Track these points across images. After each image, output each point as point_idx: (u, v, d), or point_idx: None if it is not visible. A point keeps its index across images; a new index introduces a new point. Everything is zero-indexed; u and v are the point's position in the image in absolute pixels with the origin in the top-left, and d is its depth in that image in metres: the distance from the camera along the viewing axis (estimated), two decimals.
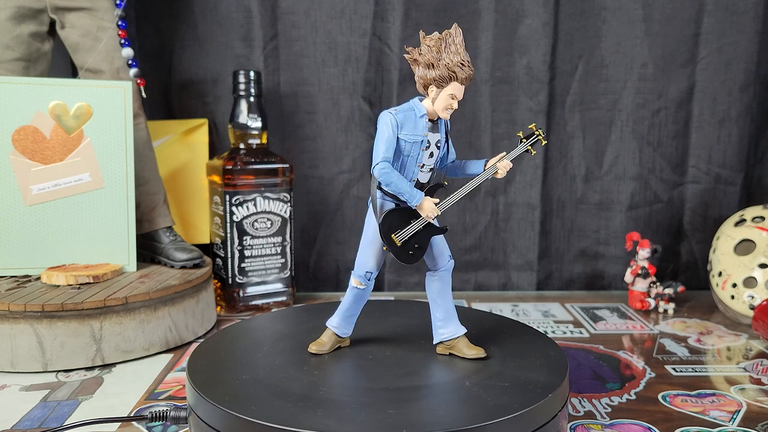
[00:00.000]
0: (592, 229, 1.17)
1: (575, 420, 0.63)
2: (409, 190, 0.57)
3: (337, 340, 0.63)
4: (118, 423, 0.62)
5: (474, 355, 0.59)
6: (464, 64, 0.55)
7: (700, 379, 0.74)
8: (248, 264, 0.99)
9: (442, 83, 0.55)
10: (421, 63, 0.56)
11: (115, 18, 0.91)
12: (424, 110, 0.57)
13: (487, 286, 1.18)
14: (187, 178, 1.11)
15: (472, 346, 0.60)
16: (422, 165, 0.58)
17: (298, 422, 0.46)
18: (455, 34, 0.55)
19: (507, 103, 1.12)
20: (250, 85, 0.98)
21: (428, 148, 0.58)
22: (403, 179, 0.57)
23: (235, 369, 0.57)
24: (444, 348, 0.62)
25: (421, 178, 0.59)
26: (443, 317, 0.62)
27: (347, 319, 0.63)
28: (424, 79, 0.56)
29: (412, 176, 0.58)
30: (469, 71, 0.55)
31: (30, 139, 0.86)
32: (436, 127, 0.58)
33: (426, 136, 0.57)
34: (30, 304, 0.74)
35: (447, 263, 0.62)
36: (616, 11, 1.09)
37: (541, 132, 0.61)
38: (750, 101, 1.12)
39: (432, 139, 0.58)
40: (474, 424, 0.46)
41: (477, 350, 0.60)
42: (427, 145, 0.58)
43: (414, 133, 0.57)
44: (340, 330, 0.63)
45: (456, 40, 0.55)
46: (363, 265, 0.60)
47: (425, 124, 0.57)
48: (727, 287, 0.98)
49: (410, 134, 0.57)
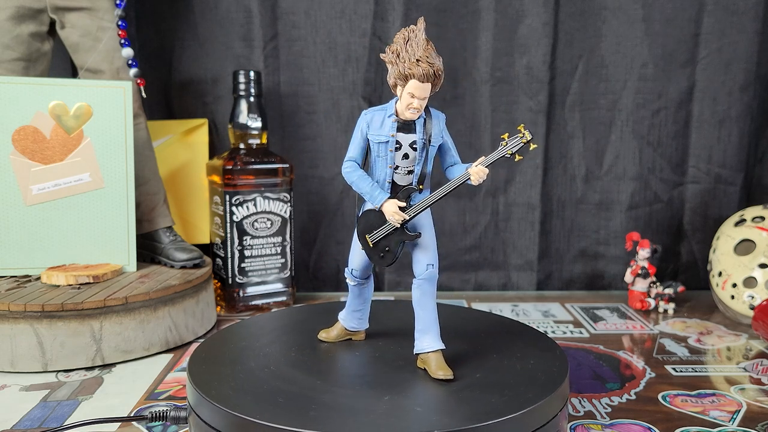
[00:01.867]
0: (592, 229, 1.17)
1: (575, 420, 0.63)
2: (371, 191, 0.56)
3: (345, 332, 0.65)
4: (118, 423, 0.62)
5: (441, 376, 0.55)
6: (421, 60, 0.52)
7: (700, 379, 0.74)
8: (248, 264, 0.99)
9: (402, 81, 0.53)
10: (386, 61, 0.54)
11: (115, 18, 0.91)
12: (392, 110, 0.55)
13: (487, 286, 1.18)
14: (187, 178, 1.11)
15: (443, 366, 0.55)
16: (396, 167, 0.56)
17: (298, 422, 0.46)
18: (418, 29, 0.53)
19: (507, 103, 1.12)
20: (250, 85, 0.98)
21: (399, 149, 0.55)
22: (366, 180, 0.56)
23: (235, 369, 0.57)
24: (420, 361, 0.58)
25: (399, 180, 0.56)
26: (420, 329, 0.58)
27: (352, 314, 0.64)
28: (390, 77, 0.54)
29: (386, 178, 0.56)
30: (427, 68, 0.52)
31: (30, 139, 0.86)
32: (409, 127, 0.55)
33: (393, 136, 0.55)
34: (30, 304, 0.74)
35: (425, 272, 0.57)
36: (616, 11, 1.09)
37: (527, 133, 0.54)
38: (750, 101, 1.12)
39: (404, 140, 0.55)
40: (474, 424, 0.46)
41: (445, 371, 0.55)
42: (396, 146, 0.55)
43: (379, 133, 0.55)
44: (346, 323, 0.65)
45: (417, 36, 0.52)
46: (349, 262, 0.62)
47: (392, 125, 0.55)
48: (727, 287, 0.98)
49: (376, 134, 0.56)
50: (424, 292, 0.57)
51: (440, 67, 0.53)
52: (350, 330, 0.65)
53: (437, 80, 0.53)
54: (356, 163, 0.57)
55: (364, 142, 0.57)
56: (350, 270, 0.62)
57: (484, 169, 0.54)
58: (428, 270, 0.57)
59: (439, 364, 0.56)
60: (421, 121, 0.55)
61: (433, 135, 0.56)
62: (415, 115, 0.54)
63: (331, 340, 0.65)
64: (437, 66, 0.52)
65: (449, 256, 1.16)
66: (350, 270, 0.62)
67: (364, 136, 0.56)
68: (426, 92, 0.53)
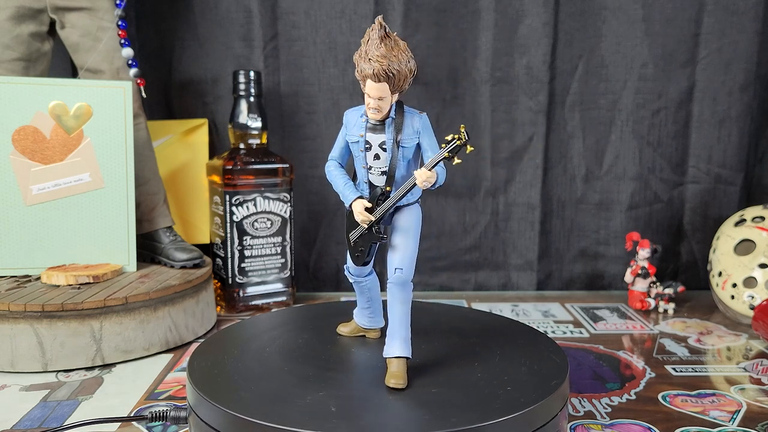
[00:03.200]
0: (592, 229, 1.17)
1: (575, 420, 0.63)
2: (343, 190, 0.57)
3: (359, 328, 0.66)
4: (118, 423, 0.62)
5: (391, 384, 0.53)
6: (373, 59, 0.51)
7: (700, 379, 0.74)
8: (248, 264, 0.99)
9: (362, 81, 0.52)
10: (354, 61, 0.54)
11: (115, 18, 0.91)
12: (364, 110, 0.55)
13: (487, 286, 1.18)
14: (187, 178, 1.11)
15: (397, 375, 0.53)
16: (369, 167, 0.55)
17: (298, 422, 0.46)
18: (374, 28, 0.52)
19: (507, 103, 1.12)
20: (250, 85, 0.98)
21: (370, 150, 0.55)
22: (340, 179, 0.57)
23: (235, 369, 0.57)
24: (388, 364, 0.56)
25: (374, 180, 0.56)
26: (389, 333, 0.57)
27: (361, 311, 0.66)
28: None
29: (362, 178, 0.56)
30: (378, 67, 0.50)
31: (30, 139, 0.86)
32: (380, 128, 0.54)
33: (362, 137, 0.55)
34: (30, 304, 0.74)
35: (393, 275, 0.55)
36: (616, 11, 1.09)
37: (464, 136, 0.51)
38: (750, 101, 1.12)
39: (374, 141, 0.54)
40: (474, 424, 0.46)
41: (397, 380, 0.53)
42: (366, 146, 0.55)
43: (353, 133, 0.55)
44: (357, 319, 0.66)
45: (372, 35, 0.51)
46: (346, 260, 0.63)
47: (362, 125, 0.55)
48: (727, 287, 0.98)
49: (350, 134, 0.56)
50: (393, 297, 0.56)
51: (396, 66, 0.51)
52: (362, 327, 0.66)
53: (394, 79, 0.52)
54: (336, 162, 0.58)
55: (344, 141, 0.57)
56: (346, 267, 0.63)
57: (426, 172, 0.52)
58: (396, 274, 0.55)
59: (395, 371, 0.54)
60: (390, 121, 0.54)
61: (404, 136, 0.54)
62: (376, 115, 0.53)
63: (346, 334, 0.66)
64: (389, 65, 0.51)
65: (449, 256, 1.16)
66: (346, 267, 0.63)
67: (344, 136, 0.57)
68: (381, 92, 0.52)
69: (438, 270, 1.17)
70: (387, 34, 0.52)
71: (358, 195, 0.56)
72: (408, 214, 0.57)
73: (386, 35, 0.52)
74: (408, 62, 0.52)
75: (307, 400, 0.51)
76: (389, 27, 0.54)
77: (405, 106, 0.55)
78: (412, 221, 0.57)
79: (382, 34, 0.51)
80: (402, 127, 0.54)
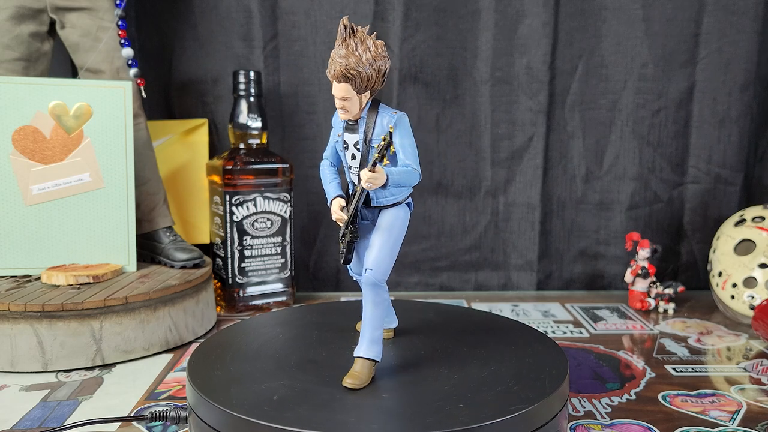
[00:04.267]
0: (592, 229, 1.17)
1: (575, 420, 0.63)
2: (327, 189, 0.58)
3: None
4: (118, 423, 0.62)
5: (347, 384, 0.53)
6: (333, 60, 0.51)
7: (700, 379, 0.74)
8: (248, 264, 0.99)
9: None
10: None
11: (115, 18, 0.91)
12: None
13: (487, 286, 1.18)
14: (187, 178, 1.11)
15: (356, 375, 0.53)
16: (349, 167, 0.56)
17: (298, 422, 0.46)
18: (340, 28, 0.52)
19: (507, 103, 1.12)
20: (250, 85, 0.98)
21: (347, 149, 0.56)
22: (326, 177, 0.59)
23: (235, 369, 0.57)
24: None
25: (354, 179, 0.57)
26: (360, 333, 0.56)
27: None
28: None
29: (348, 177, 0.58)
30: (336, 67, 0.51)
31: (30, 139, 0.86)
32: (355, 127, 0.55)
33: (340, 136, 0.56)
34: (30, 304, 0.74)
35: (363, 275, 0.55)
36: (616, 11, 1.09)
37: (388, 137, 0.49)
38: (750, 101, 1.12)
39: (350, 140, 0.55)
40: (474, 424, 0.46)
41: (353, 381, 0.53)
42: (344, 146, 0.56)
43: (335, 133, 0.57)
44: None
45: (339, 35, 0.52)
46: None
47: (341, 125, 0.56)
48: (727, 287, 0.98)
49: (333, 134, 0.57)
50: (365, 297, 0.55)
51: (356, 67, 0.51)
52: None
53: (356, 80, 0.52)
54: (329, 161, 0.60)
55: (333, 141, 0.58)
56: (349, 266, 0.63)
57: (367, 172, 0.50)
58: (365, 274, 0.54)
59: (354, 371, 0.54)
60: (362, 121, 0.55)
61: (374, 135, 0.54)
62: (345, 115, 0.54)
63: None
64: (347, 66, 0.51)
65: (449, 256, 1.16)
66: (349, 266, 0.63)
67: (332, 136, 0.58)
68: (343, 92, 0.52)
69: (438, 270, 1.17)
70: (352, 34, 0.52)
71: (338, 194, 0.57)
72: (390, 215, 0.56)
73: (351, 35, 0.52)
74: (374, 62, 0.52)
75: (307, 401, 0.51)
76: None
77: (381, 105, 0.55)
78: (393, 222, 0.56)
79: (344, 35, 0.52)
80: (373, 126, 0.54)
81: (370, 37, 0.53)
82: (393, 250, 0.55)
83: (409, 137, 0.55)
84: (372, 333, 0.55)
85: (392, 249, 0.55)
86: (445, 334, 0.67)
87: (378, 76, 0.53)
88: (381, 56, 0.53)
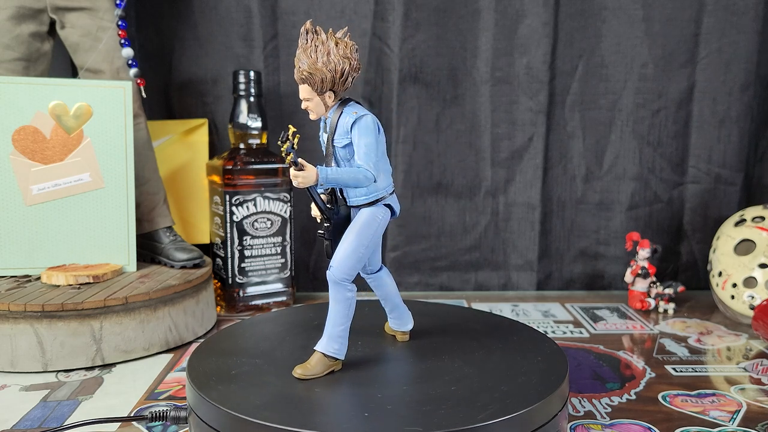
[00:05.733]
0: (592, 229, 1.17)
1: (575, 420, 0.63)
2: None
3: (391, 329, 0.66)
4: (118, 423, 0.62)
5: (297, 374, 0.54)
6: (294, 64, 0.53)
7: (700, 379, 0.74)
8: (248, 264, 0.99)
9: None
10: None
11: (115, 18, 0.91)
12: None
13: (487, 286, 1.18)
14: (187, 178, 1.11)
15: (307, 367, 0.55)
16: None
17: (298, 422, 0.46)
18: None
19: (507, 103, 1.12)
20: (250, 85, 0.98)
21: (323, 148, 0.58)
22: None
23: (235, 369, 0.57)
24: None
25: None
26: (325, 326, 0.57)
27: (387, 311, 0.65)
28: None
29: None
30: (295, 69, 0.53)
31: (30, 139, 0.86)
32: (326, 126, 0.57)
33: (320, 135, 0.58)
34: (30, 304, 0.74)
35: (327, 272, 0.55)
36: (616, 11, 1.09)
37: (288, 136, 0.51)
38: (750, 101, 1.12)
39: (323, 140, 0.57)
40: (474, 424, 0.46)
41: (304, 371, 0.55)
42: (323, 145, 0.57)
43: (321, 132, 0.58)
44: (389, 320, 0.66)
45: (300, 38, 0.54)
46: None
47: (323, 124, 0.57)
48: (727, 287, 0.98)
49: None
50: (329, 293, 0.56)
51: (307, 68, 0.52)
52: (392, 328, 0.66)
53: (310, 81, 0.53)
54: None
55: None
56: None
57: (293, 171, 0.52)
58: (328, 271, 0.55)
59: (308, 363, 0.55)
60: (328, 121, 0.56)
61: (336, 134, 0.55)
62: (312, 115, 0.56)
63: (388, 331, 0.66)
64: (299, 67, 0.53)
65: (449, 256, 1.16)
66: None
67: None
68: (303, 93, 0.54)
69: (438, 270, 1.17)
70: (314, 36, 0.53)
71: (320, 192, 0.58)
72: (364, 215, 0.56)
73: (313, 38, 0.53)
74: (329, 63, 0.52)
75: (307, 400, 0.51)
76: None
77: (349, 105, 0.55)
78: (365, 222, 0.56)
79: (303, 38, 0.53)
80: (336, 126, 0.55)
81: (337, 38, 0.53)
82: (357, 250, 0.55)
83: (366, 137, 0.54)
84: (332, 329, 0.56)
85: (357, 248, 0.55)
86: (445, 334, 0.67)
87: (337, 78, 0.54)
88: (343, 57, 0.53)
